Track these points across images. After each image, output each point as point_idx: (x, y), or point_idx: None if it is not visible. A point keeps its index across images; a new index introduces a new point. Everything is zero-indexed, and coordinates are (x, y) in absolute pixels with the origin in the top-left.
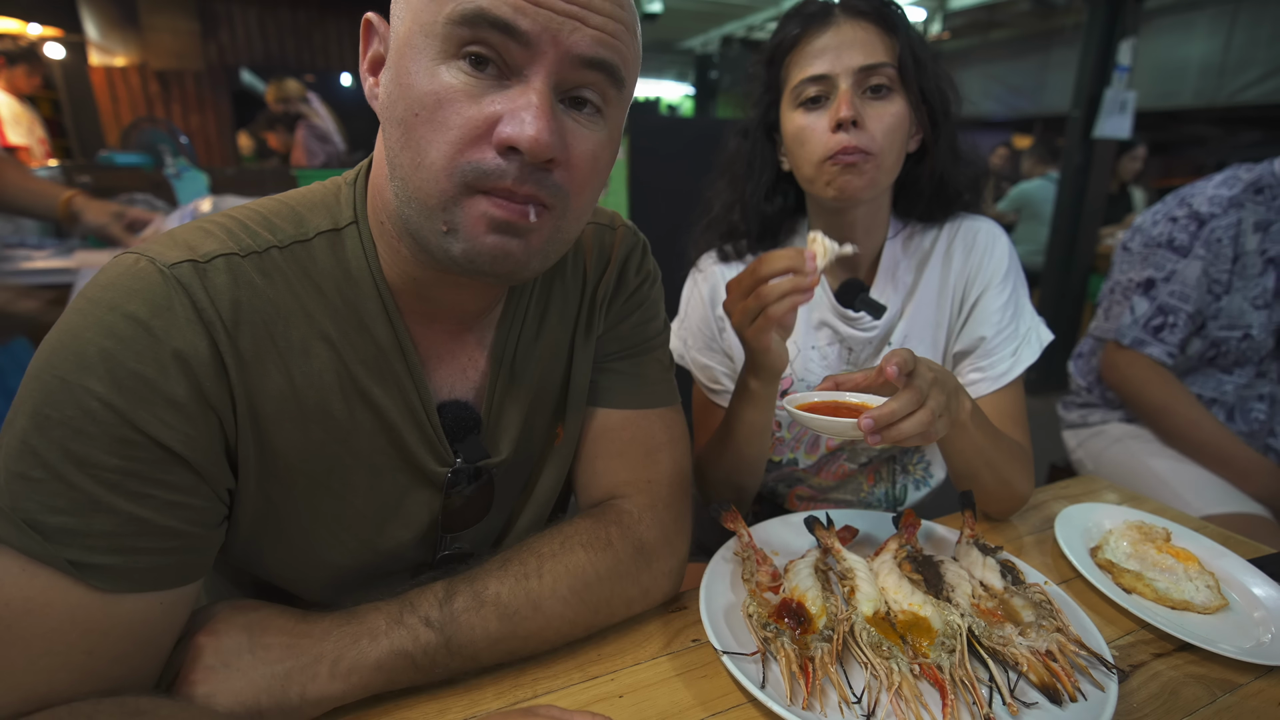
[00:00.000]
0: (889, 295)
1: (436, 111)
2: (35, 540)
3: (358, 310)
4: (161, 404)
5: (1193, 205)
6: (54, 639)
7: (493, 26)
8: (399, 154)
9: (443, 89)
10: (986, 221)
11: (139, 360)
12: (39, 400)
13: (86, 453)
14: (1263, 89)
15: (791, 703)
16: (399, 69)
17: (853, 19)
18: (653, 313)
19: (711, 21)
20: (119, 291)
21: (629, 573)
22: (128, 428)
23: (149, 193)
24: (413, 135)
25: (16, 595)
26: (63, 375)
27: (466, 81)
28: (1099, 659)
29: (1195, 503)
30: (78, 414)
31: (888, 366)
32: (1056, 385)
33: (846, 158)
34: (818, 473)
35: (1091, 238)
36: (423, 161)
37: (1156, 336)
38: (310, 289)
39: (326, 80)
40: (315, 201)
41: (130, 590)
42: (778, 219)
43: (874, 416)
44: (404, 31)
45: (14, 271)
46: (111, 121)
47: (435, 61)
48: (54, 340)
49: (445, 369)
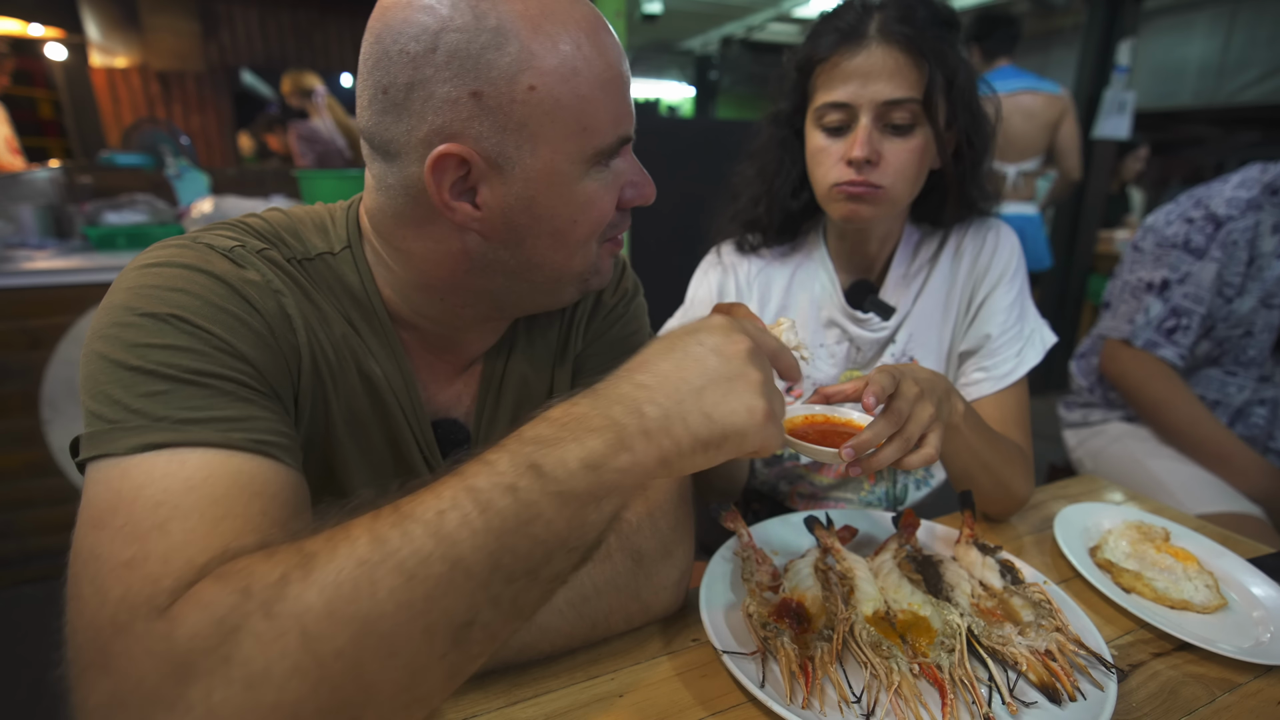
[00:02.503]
0: (898, 296)
1: (591, 210)
2: (196, 431)
3: (362, 325)
4: (250, 335)
5: (1210, 207)
6: (228, 502)
7: (624, 142)
8: (545, 255)
9: (594, 193)
10: (997, 222)
11: (225, 300)
12: (131, 337)
13: (200, 365)
14: (1262, 89)
15: (791, 702)
16: (544, 197)
17: (885, 43)
18: (634, 326)
19: (711, 22)
20: (187, 255)
21: (628, 585)
22: (227, 345)
23: (150, 193)
24: (569, 238)
25: (173, 483)
26: (150, 311)
27: (606, 187)
28: (1098, 658)
29: (1189, 502)
30: (178, 335)
31: (865, 398)
32: (1057, 385)
33: (855, 189)
34: (818, 470)
35: (1091, 238)
36: (575, 253)
37: (1170, 339)
38: (327, 297)
39: (327, 80)
40: (311, 223)
41: (287, 463)
42: (799, 215)
43: (854, 445)
44: (544, 168)
45: (15, 271)
46: (112, 122)
47: (581, 178)
48: (121, 299)
49: (440, 389)
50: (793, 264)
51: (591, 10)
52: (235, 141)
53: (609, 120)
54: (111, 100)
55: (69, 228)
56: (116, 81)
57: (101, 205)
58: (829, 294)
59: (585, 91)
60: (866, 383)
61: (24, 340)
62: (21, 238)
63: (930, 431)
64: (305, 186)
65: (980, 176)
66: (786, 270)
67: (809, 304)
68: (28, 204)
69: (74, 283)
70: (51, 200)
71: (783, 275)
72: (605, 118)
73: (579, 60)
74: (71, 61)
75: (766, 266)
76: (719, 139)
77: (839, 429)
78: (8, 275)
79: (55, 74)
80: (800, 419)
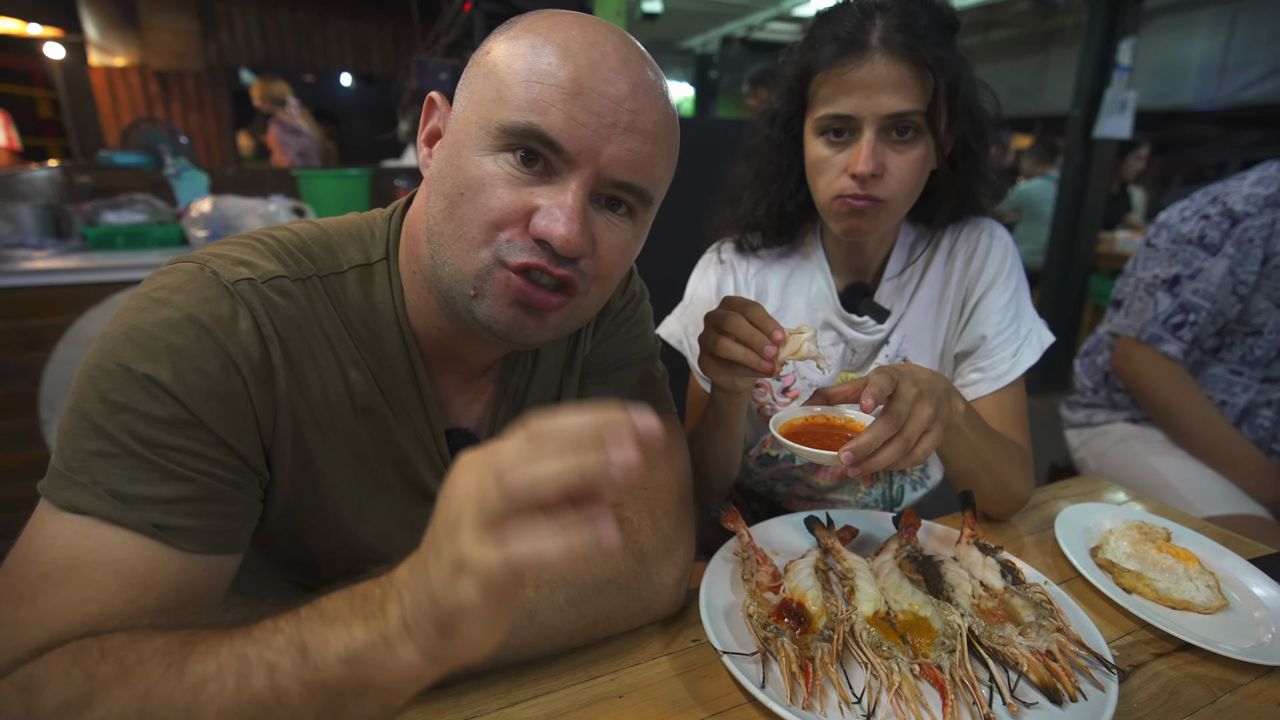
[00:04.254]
0: (893, 299)
1: (480, 193)
2: (119, 507)
3: (381, 343)
4: (218, 399)
5: (1227, 203)
6: (97, 589)
7: (540, 140)
8: (440, 223)
9: (489, 175)
10: (990, 222)
11: (203, 358)
12: (105, 387)
13: (153, 434)
14: (1263, 89)
15: (791, 703)
16: (453, 150)
17: (888, 55)
18: (640, 329)
19: (711, 21)
20: (186, 295)
21: (629, 585)
22: (189, 415)
23: (149, 193)
24: (456, 210)
25: (65, 555)
26: (128, 365)
27: (510, 173)
28: (1099, 659)
29: (1197, 503)
30: (144, 399)
31: (863, 400)
32: (1058, 385)
33: (857, 204)
34: (815, 471)
35: (1091, 238)
36: (463, 234)
37: (1175, 334)
38: (342, 318)
39: (326, 80)
40: (350, 233)
41: (197, 551)
42: (797, 217)
43: (853, 449)
44: (463, 119)
45: (13, 271)
46: (111, 122)
47: (486, 152)
48: (117, 333)
49: (455, 401)
50: (789, 265)
51: (608, 42)
52: (234, 141)
53: (527, 102)
54: (110, 99)
55: (68, 227)
56: (115, 81)
57: (100, 205)
58: (825, 297)
59: (523, 72)
60: (866, 384)
61: (22, 340)
62: (20, 237)
63: (928, 433)
64: (305, 186)
65: (985, 173)
66: (783, 272)
67: (805, 306)
68: (26, 203)
69: (73, 282)
70: (50, 200)
71: (779, 276)
72: (522, 97)
73: (535, 46)
74: (70, 61)
75: (764, 267)
76: (719, 138)
77: (839, 430)
78: (6, 275)
79: (54, 73)
80: (800, 420)
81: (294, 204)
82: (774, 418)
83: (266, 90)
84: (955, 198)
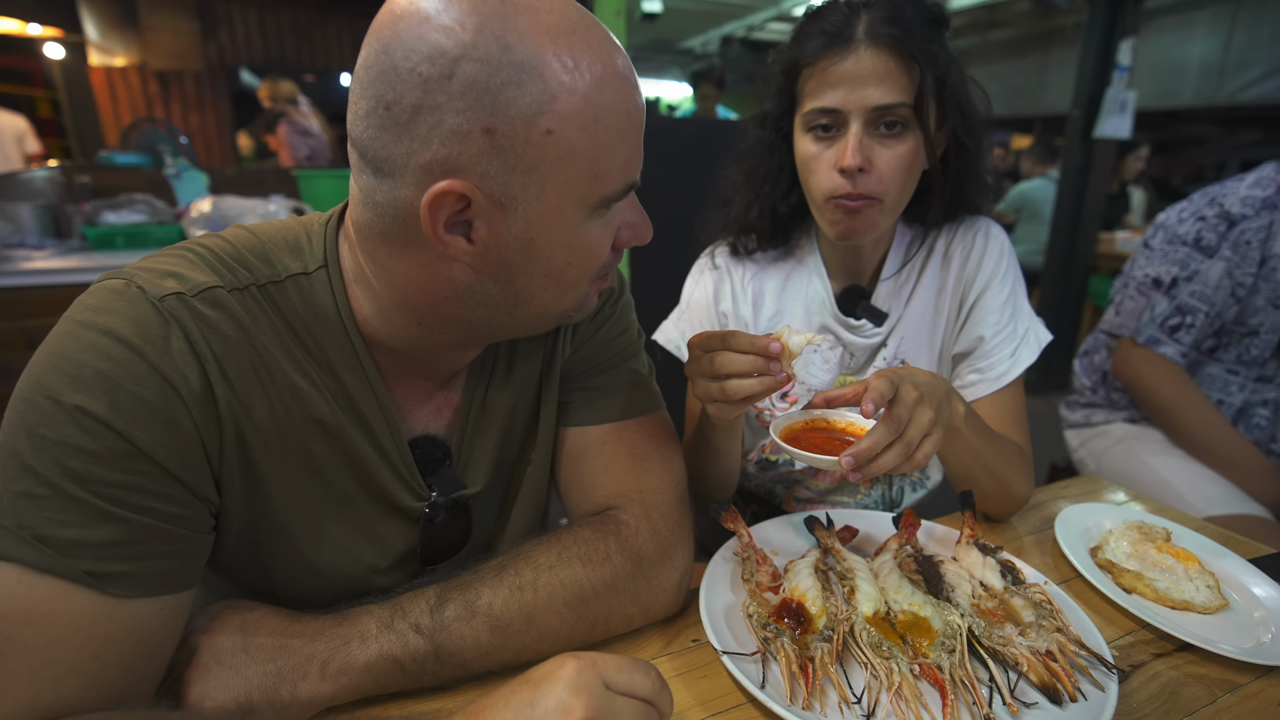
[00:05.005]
0: (890, 301)
1: (588, 254)
2: (48, 554)
3: (326, 352)
4: (159, 425)
5: (1224, 205)
6: (59, 647)
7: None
8: (535, 293)
9: (596, 240)
10: (985, 221)
11: (136, 383)
12: (33, 421)
13: (87, 470)
14: (1263, 89)
15: (791, 703)
16: (539, 238)
17: (874, 46)
18: (621, 326)
19: (711, 21)
20: (113, 316)
21: (628, 588)
22: (127, 445)
23: (149, 193)
24: (564, 277)
25: (15, 609)
26: (56, 396)
27: (609, 224)
28: (1099, 659)
29: (1197, 503)
30: (76, 433)
31: (863, 405)
32: (1057, 385)
33: (849, 203)
34: (814, 475)
35: (1091, 238)
36: (570, 289)
37: (1173, 336)
38: (284, 328)
39: (326, 80)
40: (283, 242)
41: (138, 595)
42: (790, 219)
43: (854, 454)
44: (544, 208)
45: (13, 271)
46: (111, 122)
47: (589, 219)
48: (43, 363)
49: (419, 407)
50: (786, 269)
51: (617, 51)
52: (234, 141)
53: (620, 168)
54: (110, 100)
55: (67, 227)
56: (115, 81)
57: (100, 205)
58: (822, 301)
59: (602, 140)
60: (866, 388)
61: (22, 341)
62: (20, 237)
63: (929, 437)
64: (304, 186)
65: (979, 172)
66: (780, 276)
67: (802, 310)
68: (26, 204)
69: (72, 283)
70: (50, 200)
71: (776, 281)
72: (617, 166)
73: (600, 107)
74: (70, 61)
75: (760, 272)
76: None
77: (839, 433)
78: (6, 275)
79: (54, 73)
80: (800, 424)
81: (294, 204)
82: (774, 423)
83: (275, 90)
84: (948, 196)
